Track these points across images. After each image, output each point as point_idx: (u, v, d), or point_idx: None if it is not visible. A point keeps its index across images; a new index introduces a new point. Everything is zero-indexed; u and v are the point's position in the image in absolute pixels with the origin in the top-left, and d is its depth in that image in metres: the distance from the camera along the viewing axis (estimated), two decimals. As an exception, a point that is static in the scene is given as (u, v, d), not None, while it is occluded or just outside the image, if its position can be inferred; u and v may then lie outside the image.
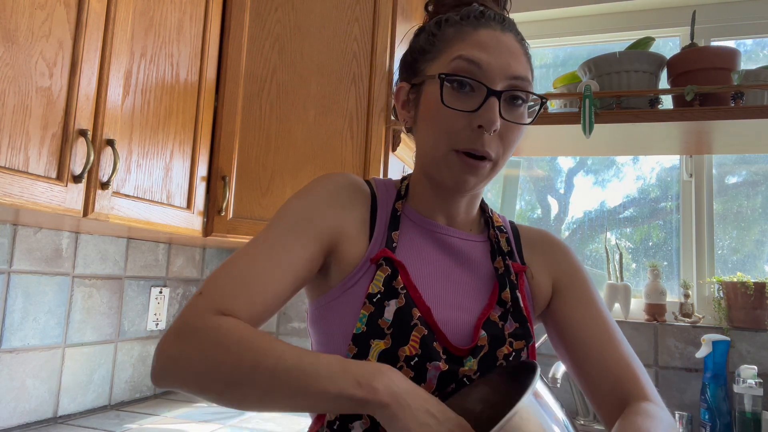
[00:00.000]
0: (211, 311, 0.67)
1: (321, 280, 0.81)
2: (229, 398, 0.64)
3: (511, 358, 0.77)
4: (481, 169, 0.76)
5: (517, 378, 0.73)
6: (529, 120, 0.78)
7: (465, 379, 0.74)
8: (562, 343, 0.84)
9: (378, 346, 0.72)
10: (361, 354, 0.72)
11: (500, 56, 0.75)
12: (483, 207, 0.90)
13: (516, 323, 0.79)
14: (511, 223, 0.92)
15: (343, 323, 0.75)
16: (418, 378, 0.72)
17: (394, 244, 0.79)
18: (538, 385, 0.60)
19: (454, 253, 0.83)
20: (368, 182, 0.86)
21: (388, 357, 0.72)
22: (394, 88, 0.86)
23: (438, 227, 0.83)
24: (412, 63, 0.83)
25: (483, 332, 0.76)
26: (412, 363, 0.72)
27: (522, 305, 0.81)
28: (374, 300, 0.74)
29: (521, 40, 0.80)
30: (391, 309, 0.73)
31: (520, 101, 0.77)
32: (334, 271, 0.79)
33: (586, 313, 0.83)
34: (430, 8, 0.87)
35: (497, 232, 0.86)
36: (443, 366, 0.72)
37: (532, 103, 0.82)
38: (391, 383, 0.61)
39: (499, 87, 0.74)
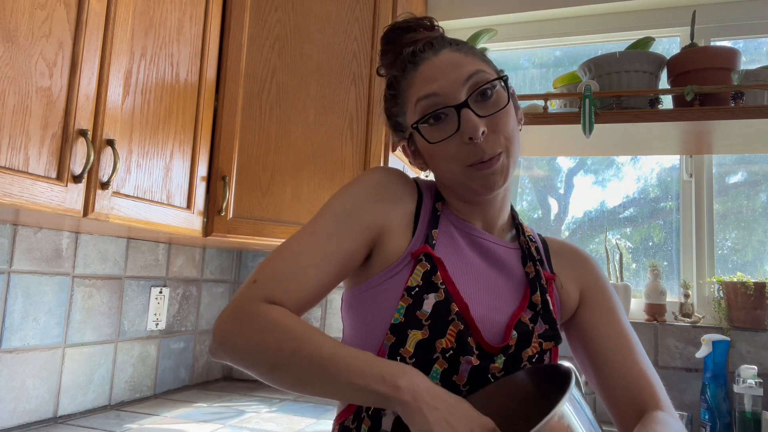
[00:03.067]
0: (262, 299, 0.74)
1: (361, 268, 0.85)
2: (271, 378, 0.71)
3: (534, 359, 0.81)
4: (497, 164, 0.79)
5: (544, 379, 0.75)
6: (505, 100, 0.81)
7: (492, 375, 0.78)
8: (585, 352, 0.89)
9: (415, 336, 0.76)
10: (399, 343, 0.76)
11: (446, 74, 0.80)
12: (513, 215, 0.94)
13: (546, 325, 0.83)
14: (539, 234, 0.97)
15: (380, 312, 0.79)
16: (452, 370, 0.76)
17: (434, 242, 0.83)
18: (575, 391, 0.61)
19: (489, 256, 0.87)
20: (414, 180, 0.91)
21: (424, 347, 0.76)
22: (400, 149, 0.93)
23: (475, 230, 0.87)
24: (395, 126, 0.90)
25: (514, 332, 0.80)
26: (447, 355, 0.76)
27: (551, 308, 0.85)
28: (412, 293, 0.78)
29: (456, 46, 0.83)
30: (429, 302, 0.77)
31: (489, 92, 0.80)
32: (375, 261, 0.83)
33: (610, 324, 0.88)
34: (382, 71, 0.92)
35: (528, 239, 0.91)
36: (475, 361, 0.76)
37: (503, 85, 0.83)
38: (413, 383, 0.64)
39: (462, 97, 0.79)
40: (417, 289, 0.78)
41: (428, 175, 0.89)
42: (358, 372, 0.66)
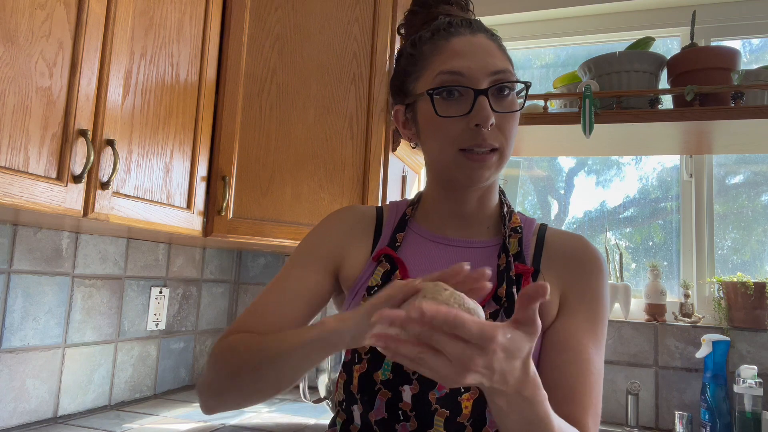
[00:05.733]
0: (227, 336, 0.80)
1: (341, 295, 0.91)
2: (253, 397, 0.76)
3: None
4: (489, 161, 0.80)
5: None
6: (519, 105, 0.82)
7: None
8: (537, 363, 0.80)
9: None
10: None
11: (477, 58, 0.79)
12: (505, 204, 0.90)
13: (507, 318, 0.78)
14: (542, 226, 0.90)
15: None
16: (402, 370, 0.76)
17: (397, 244, 0.85)
18: None
19: (461, 258, 0.84)
20: (379, 207, 0.95)
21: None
22: (392, 113, 0.93)
23: (445, 239, 0.86)
24: (400, 86, 0.88)
25: None
26: None
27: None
28: (372, 292, 0.80)
29: (492, 35, 0.84)
30: None
31: (507, 91, 0.81)
32: (344, 283, 0.88)
33: (572, 343, 0.78)
34: (402, 31, 0.92)
35: (511, 232, 0.86)
36: None
37: (520, 88, 0.84)
38: (328, 319, 0.66)
39: (484, 85, 0.79)
40: (376, 288, 0.80)
41: (415, 147, 0.89)
42: (296, 339, 0.69)
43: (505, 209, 0.89)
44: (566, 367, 0.76)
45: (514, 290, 0.80)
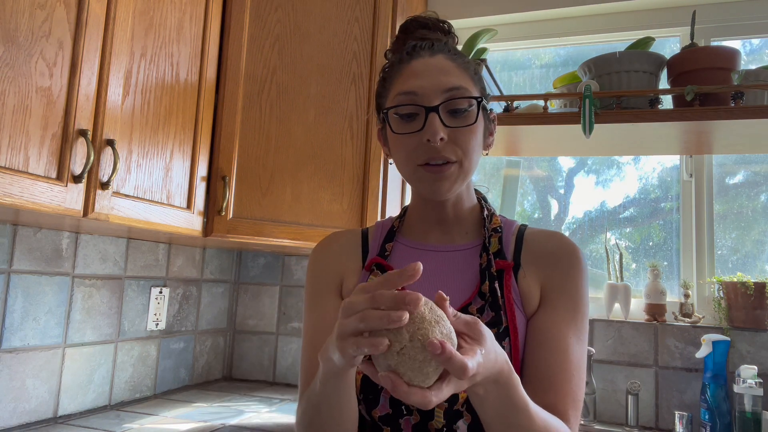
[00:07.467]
0: (299, 404, 0.85)
1: None
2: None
3: None
4: (447, 173, 0.84)
5: None
6: (473, 121, 0.84)
7: None
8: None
9: None
10: None
11: (430, 77, 0.84)
12: (485, 208, 0.95)
13: (492, 312, 0.83)
14: (522, 227, 0.93)
15: None
16: None
17: (387, 253, 0.91)
18: None
19: (446, 261, 0.90)
20: (365, 228, 1.00)
21: None
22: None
23: (428, 246, 0.92)
24: (378, 107, 0.95)
25: None
26: None
27: (501, 295, 0.84)
28: None
29: (454, 55, 0.87)
30: None
31: (464, 107, 0.84)
32: (345, 297, 0.91)
33: (552, 334, 0.81)
34: (389, 55, 0.97)
35: (491, 232, 0.91)
36: None
37: (485, 104, 0.88)
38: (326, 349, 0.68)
39: (435, 103, 0.83)
40: None
41: (391, 163, 0.95)
42: (317, 385, 0.73)
43: (486, 213, 0.94)
44: (546, 357, 0.80)
45: (496, 285, 0.84)
